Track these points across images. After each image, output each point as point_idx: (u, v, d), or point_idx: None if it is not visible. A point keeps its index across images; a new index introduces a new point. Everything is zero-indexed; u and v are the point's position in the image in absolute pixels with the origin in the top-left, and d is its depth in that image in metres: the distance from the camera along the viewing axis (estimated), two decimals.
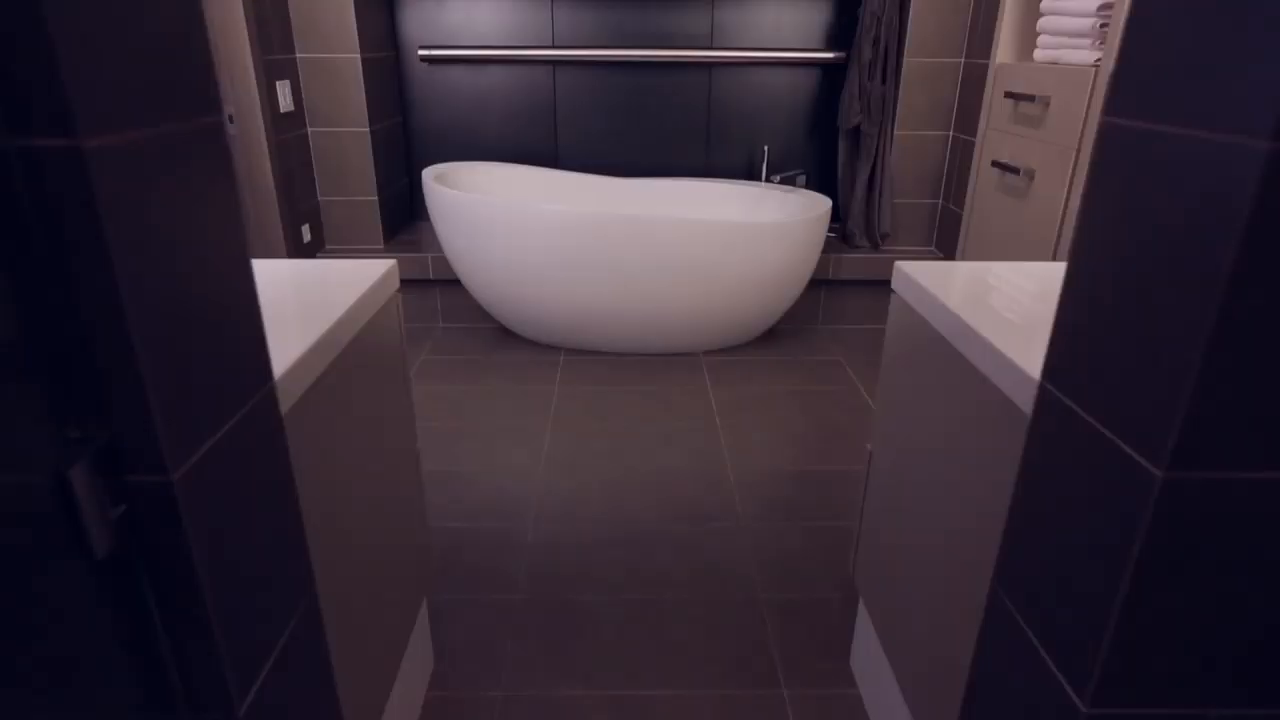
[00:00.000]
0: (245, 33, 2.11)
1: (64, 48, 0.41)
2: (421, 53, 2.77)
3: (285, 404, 0.73)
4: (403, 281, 2.62)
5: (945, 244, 2.68)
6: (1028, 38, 2.16)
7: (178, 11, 0.51)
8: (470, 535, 1.64)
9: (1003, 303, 0.91)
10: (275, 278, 0.99)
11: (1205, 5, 0.48)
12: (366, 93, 2.54)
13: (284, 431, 0.67)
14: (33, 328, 0.47)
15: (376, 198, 2.66)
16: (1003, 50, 2.20)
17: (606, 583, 1.50)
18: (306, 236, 2.56)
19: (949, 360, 0.90)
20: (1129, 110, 0.54)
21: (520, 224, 2.29)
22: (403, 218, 2.96)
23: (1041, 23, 1.98)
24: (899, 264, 1.05)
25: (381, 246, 2.72)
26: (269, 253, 2.35)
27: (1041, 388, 0.65)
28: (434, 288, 2.72)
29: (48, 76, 0.41)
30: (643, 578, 1.52)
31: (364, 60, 2.51)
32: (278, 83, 2.35)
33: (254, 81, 2.17)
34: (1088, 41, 1.78)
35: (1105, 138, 0.56)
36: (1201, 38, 0.48)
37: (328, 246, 2.71)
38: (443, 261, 2.63)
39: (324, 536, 0.82)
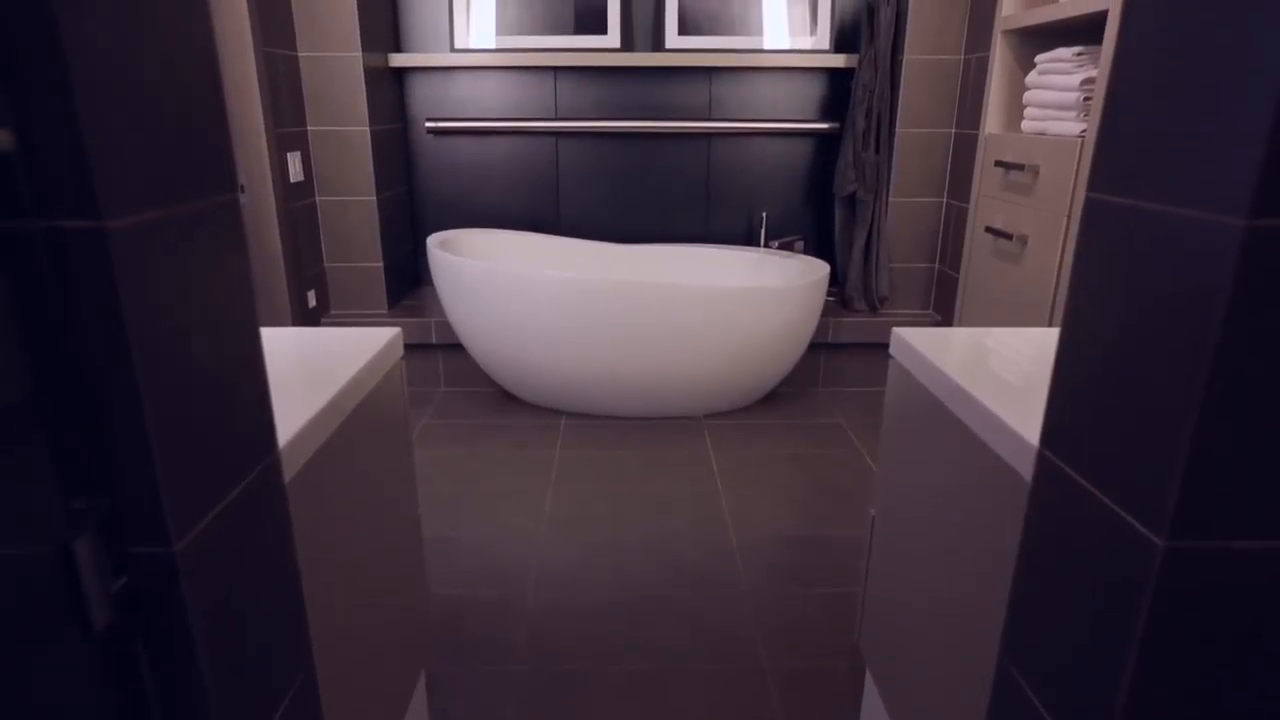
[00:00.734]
0: (259, 107, 2.18)
1: (93, 138, 0.43)
2: (428, 125, 2.86)
3: (288, 472, 0.73)
4: (406, 346, 2.64)
5: (943, 307, 2.71)
6: (1015, 109, 2.23)
7: (201, 98, 0.54)
8: (470, 603, 1.62)
9: (1000, 368, 0.92)
10: (281, 346, 1.01)
11: (1177, 88, 0.50)
12: (374, 163, 2.61)
13: (286, 501, 0.67)
14: (45, 396, 0.48)
15: (381, 264, 2.71)
16: (991, 121, 2.27)
17: (608, 651, 1.47)
18: (312, 302, 2.59)
19: (948, 426, 0.91)
20: (1110, 187, 0.56)
21: (522, 289, 2.32)
22: (407, 283, 3.00)
23: (1027, 96, 2.05)
24: (896, 330, 1.07)
25: (385, 311, 2.75)
26: (274, 318, 2.38)
27: (1040, 454, 0.65)
28: (436, 352, 2.75)
29: (77, 164, 0.43)
30: (644, 645, 1.49)
31: (373, 132, 2.59)
32: (289, 154, 2.42)
33: (266, 153, 2.23)
34: (1073, 114, 1.84)
35: (1090, 212, 0.58)
36: (1175, 119, 0.50)
37: (332, 311, 2.75)
38: (445, 326, 2.66)
39: (322, 607, 0.81)
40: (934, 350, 0.98)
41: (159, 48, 0.49)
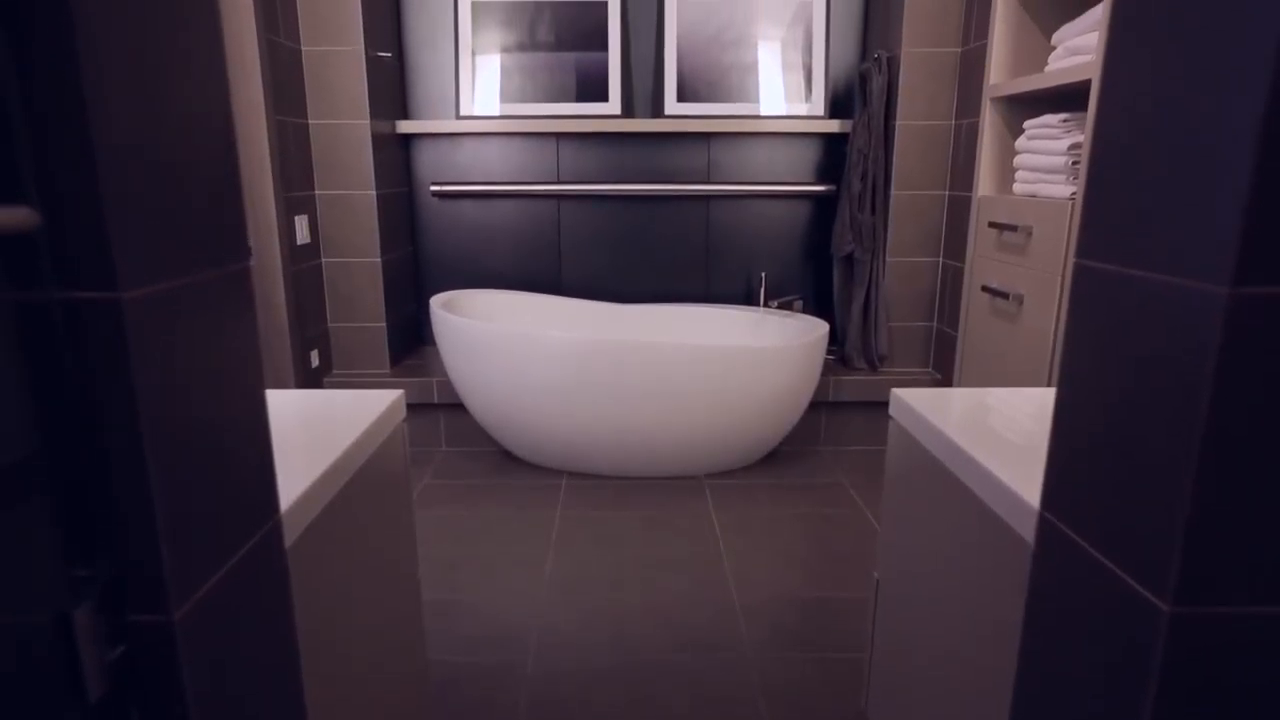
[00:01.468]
0: (270, 172, 2.24)
1: (114, 215, 0.44)
2: (433, 188, 2.93)
3: (289, 537, 0.73)
4: (407, 406, 2.65)
5: (942, 365, 2.72)
6: (1006, 172, 2.29)
7: (218, 172, 0.56)
8: (468, 669, 1.58)
9: (1000, 429, 0.93)
10: (283, 408, 1.02)
11: (1155, 159, 0.52)
12: (379, 225, 2.66)
13: (287, 566, 0.67)
14: (51, 460, 0.48)
15: (384, 324, 2.73)
16: (984, 183, 2.32)
17: (609, 717, 1.44)
18: (315, 361, 2.61)
19: (949, 487, 0.90)
20: (1097, 253, 0.57)
21: (524, 349, 2.34)
22: (409, 343, 3.03)
23: (1017, 160, 2.10)
24: (895, 391, 1.07)
25: (388, 371, 2.77)
26: (277, 377, 2.39)
27: (1041, 517, 0.65)
28: (438, 411, 2.75)
29: (98, 240, 0.44)
30: (646, 711, 1.45)
31: (379, 196, 2.65)
32: (297, 216, 2.47)
33: (275, 217, 2.28)
34: (1062, 177, 1.88)
35: (1079, 278, 0.60)
36: (1155, 188, 0.52)
37: (335, 371, 2.76)
38: (447, 386, 2.67)
39: (320, 676, 0.80)
40: (933, 411, 0.99)
41: (181, 126, 0.51)
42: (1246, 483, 0.49)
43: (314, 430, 0.93)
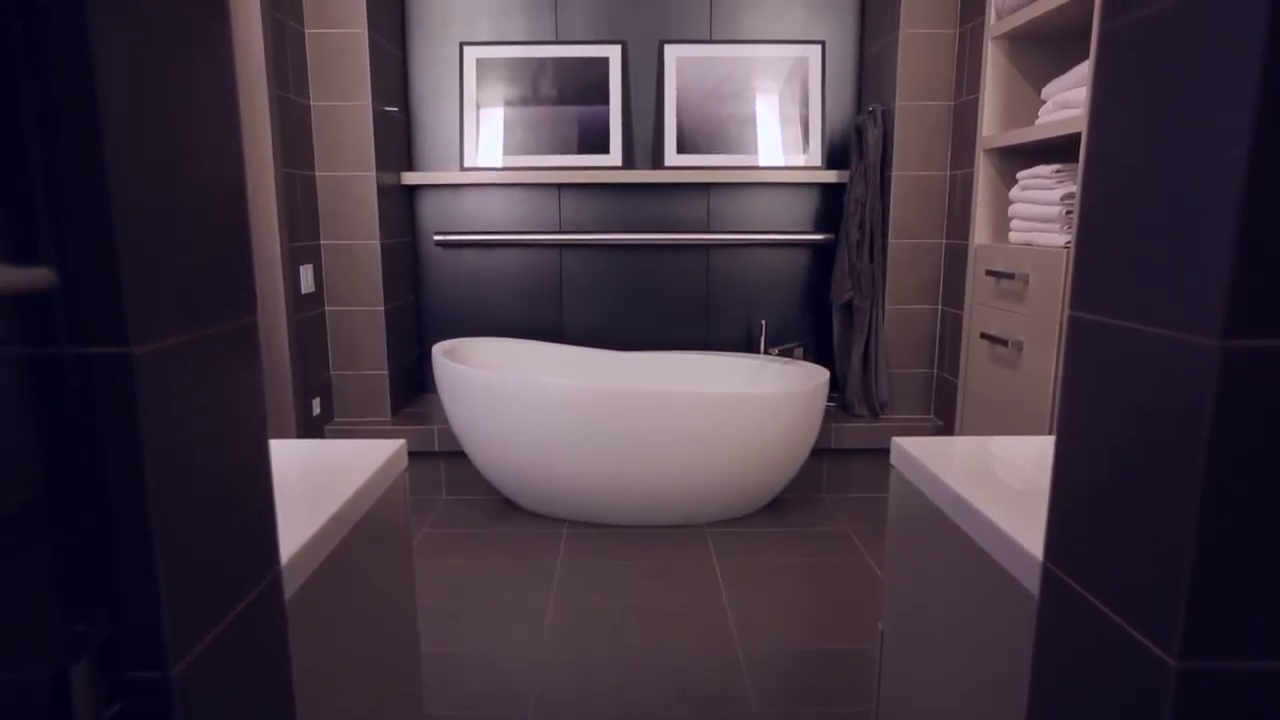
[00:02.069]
0: (276, 223, 2.27)
1: (129, 274, 0.46)
2: (437, 238, 2.97)
3: (289, 589, 0.72)
4: (408, 454, 2.64)
5: (943, 412, 2.72)
6: (1002, 221, 2.32)
7: (229, 228, 0.57)
8: None
9: (1002, 478, 0.93)
10: (285, 458, 1.02)
11: (1142, 213, 0.53)
12: (383, 275, 2.69)
13: (286, 620, 0.66)
14: (53, 511, 0.49)
15: (387, 371, 2.74)
16: (980, 232, 2.35)
17: None
18: (316, 409, 2.61)
19: (952, 537, 0.90)
20: (1090, 305, 0.58)
21: (525, 398, 2.34)
22: (411, 390, 3.03)
23: (1012, 209, 2.14)
24: (896, 439, 1.08)
25: (389, 419, 2.77)
26: (278, 425, 2.39)
27: (1045, 569, 0.65)
28: (439, 459, 2.74)
29: (112, 298, 0.45)
30: None
31: (383, 245, 2.68)
32: (302, 266, 2.50)
33: (280, 267, 2.31)
34: (1056, 226, 1.91)
35: (1074, 329, 0.61)
36: (1144, 242, 0.53)
37: (336, 419, 2.76)
38: (448, 434, 2.67)
39: None
40: (934, 460, 0.98)
41: (195, 185, 0.53)
42: (1250, 535, 0.49)
43: (315, 480, 0.93)
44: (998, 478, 0.93)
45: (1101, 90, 0.57)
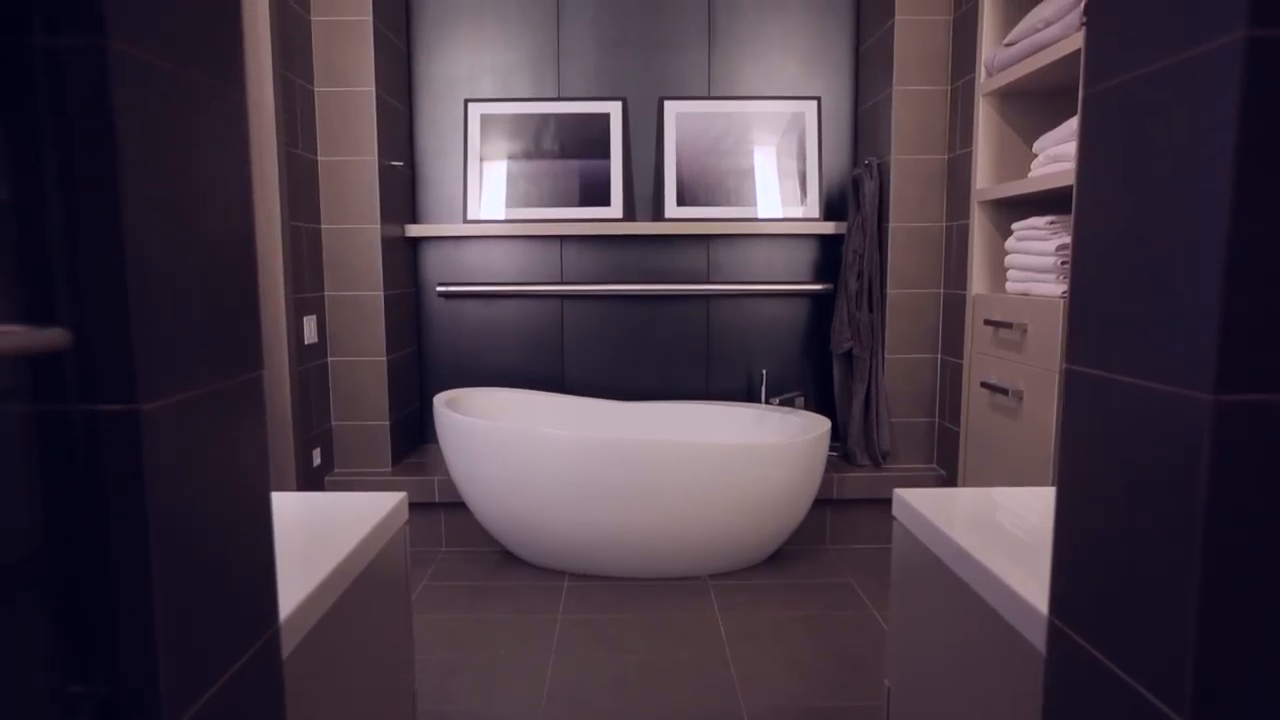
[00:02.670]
0: (281, 276, 2.30)
1: (140, 334, 0.46)
2: (440, 289, 3.00)
3: (286, 646, 0.72)
4: (409, 505, 2.62)
5: (946, 461, 2.71)
6: (998, 271, 2.35)
7: (238, 287, 0.58)
8: None
9: (1006, 530, 0.92)
10: (285, 511, 1.01)
11: (1132, 268, 0.54)
12: (386, 325, 2.71)
13: (283, 678, 0.65)
14: (54, 571, 0.49)
15: (388, 422, 2.74)
16: (977, 282, 2.38)
17: None
18: (317, 460, 2.60)
19: (956, 592, 0.89)
20: (1085, 359, 0.59)
21: (525, 448, 2.34)
22: (412, 440, 3.03)
23: (1008, 259, 2.16)
24: (898, 491, 1.07)
25: (389, 470, 2.75)
26: (279, 475, 2.38)
27: (1050, 624, 0.64)
28: (439, 511, 2.72)
29: (122, 357, 0.46)
30: None
31: (386, 296, 2.71)
32: (305, 317, 2.52)
33: (284, 318, 2.33)
34: (1052, 276, 1.93)
35: (1070, 382, 0.61)
36: (1134, 297, 0.54)
37: (336, 470, 2.75)
38: (449, 484, 2.65)
39: None
40: (937, 512, 0.98)
41: (207, 245, 0.54)
42: (1255, 590, 0.49)
43: (315, 534, 0.93)
44: (1002, 530, 0.92)
45: (1086, 153, 0.59)
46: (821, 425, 2.55)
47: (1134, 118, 0.53)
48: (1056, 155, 1.94)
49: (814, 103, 2.97)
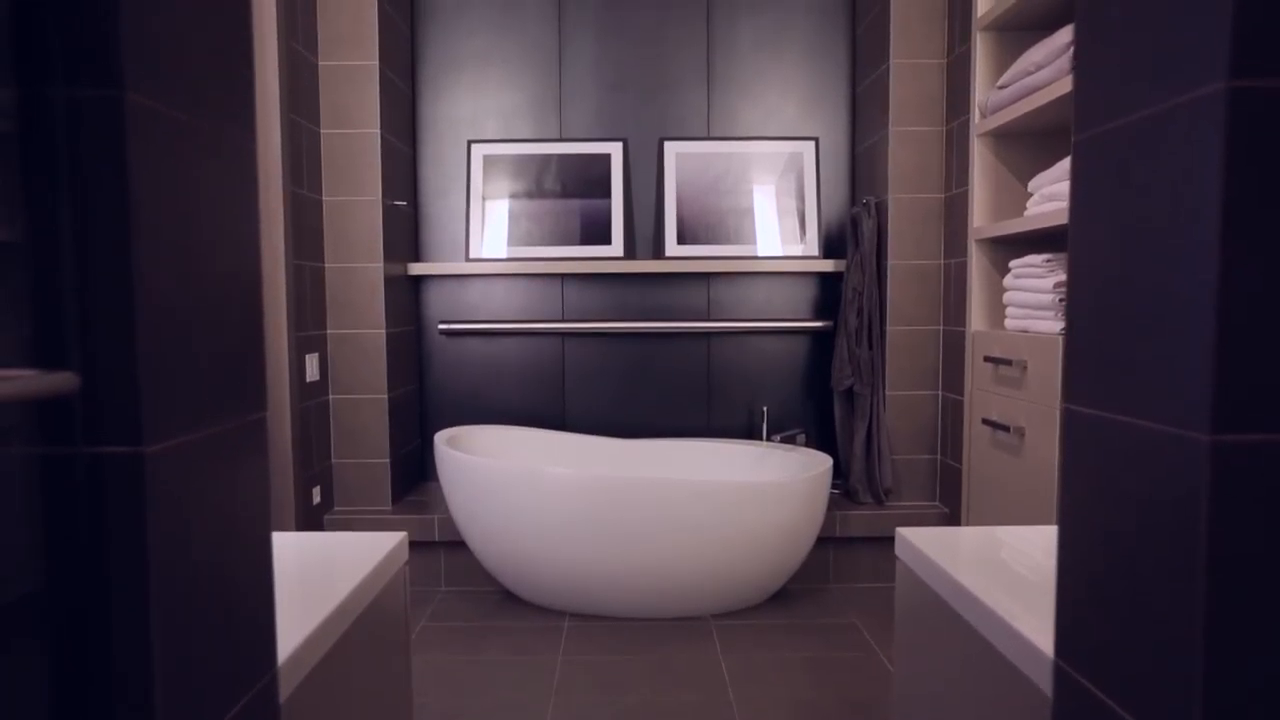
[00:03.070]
0: (285, 314, 2.32)
1: (147, 379, 0.47)
2: (441, 327, 3.01)
3: (284, 690, 0.71)
4: (408, 544, 2.60)
5: (949, 498, 2.69)
6: (997, 308, 2.36)
7: (244, 330, 0.59)
8: None
9: (1010, 570, 0.91)
10: (283, 551, 1.01)
11: (1127, 310, 0.55)
12: (388, 363, 2.72)
13: None
14: (54, 615, 0.48)
15: (388, 460, 2.74)
16: (976, 319, 2.39)
17: None
18: (316, 498, 2.59)
19: (961, 633, 0.88)
20: (1083, 399, 0.60)
21: (526, 486, 2.33)
22: (412, 479, 3.01)
23: (1006, 296, 2.18)
24: (900, 530, 1.07)
25: (389, 508, 2.74)
26: (278, 514, 2.37)
27: (1056, 666, 0.64)
28: (439, 550, 2.70)
29: (129, 402, 0.46)
30: None
31: (388, 334, 2.72)
32: (308, 355, 2.53)
33: (286, 357, 2.34)
34: (1050, 313, 1.94)
35: (1068, 422, 0.62)
36: (1129, 339, 0.54)
37: (336, 508, 2.73)
38: (448, 523, 2.64)
39: None
40: (940, 552, 0.98)
41: (214, 288, 0.55)
42: (1261, 634, 0.48)
43: (313, 575, 0.92)
44: (1006, 569, 0.91)
45: (1078, 197, 0.60)
46: (823, 463, 2.54)
47: (1123, 164, 0.54)
48: (1051, 194, 1.97)
49: (812, 143, 3.02)
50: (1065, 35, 1.91)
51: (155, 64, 0.46)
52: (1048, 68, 1.95)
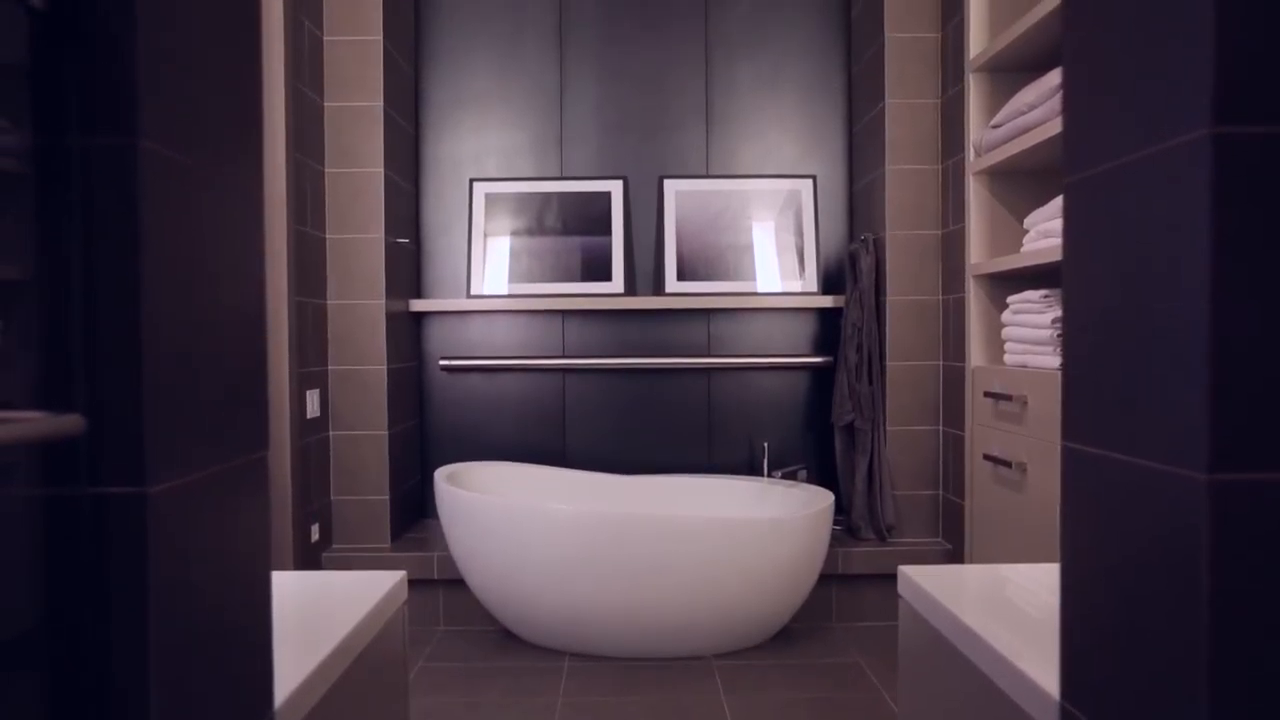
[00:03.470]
0: (287, 351, 2.33)
1: (151, 421, 0.47)
2: (442, 363, 3.02)
3: None
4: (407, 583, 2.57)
5: (951, 535, 2.67)
6: (996, 343, 2.37)
7: (246, 368, 0.60)
8: None
9: (1014, 609, 0.91)
10: (281, 589, 1.00)
11: (1122, 350, 0.55)
12: (389, 399, 2.72)
13: None
14: (53, 655, 0.48)
15: (388, 497, 2.72)
16: (975, 354, 2.40)
17: None
18: (315, 535, 2.57)
19: (965, 673, 0.87)
20: (1081, 437, 0.60)
21: (526, 523, 2.32)
22: (412, 515, 3.00)
23: (1005, 332, 2.19)
24: (903, 569, 1.06)
25: (388, 546, 2.72)
26: (277, 552, 2.35)
27: (1062, 708, 0.63)
28: (438, 588, 2.67)
29: (133, 443, 0.47)
30: None
31: (389, 370, 2.73)
32: (309, 391, 2.53)
33: (287, 394, 2.34)
34: (1049, 349, 1.95)
35: (1068, 460, 0.62)
36: (1128, 379, 0.55)
37: (335, 545, 2.71)
38: (448, 561, 2.62)
39: None
40: (943, 591, 0.97)
41: (219, 329, 0.56)
42: (1267, 675, 0.48)
43: (311, 615, 0.91)
44: (1011, 608, 0.91)
45: (1071, 238, 0.61)
46: (825, 499, 2.53)
47: (1113, 207, 0.55)
48: (1047, 231, 1.99)
49: (809, 181, 3.06)
50: (1056, 77, 1.95)
51: (169, 113, 0.48)
52: (1040, 108, 1.98)
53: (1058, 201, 1.96)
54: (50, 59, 0.43)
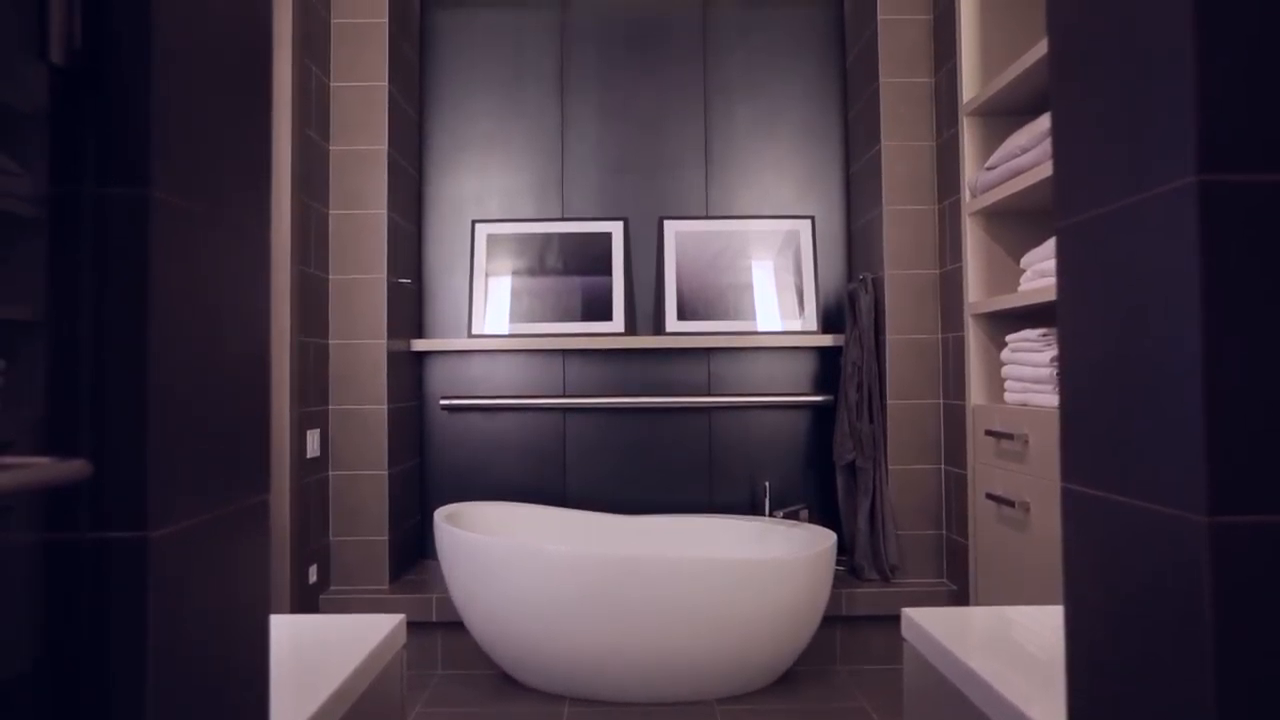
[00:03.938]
0: (288, 391, 2.33)
1: (155, 467, 0.48)
2: (443, 403, 3.02)
3: None
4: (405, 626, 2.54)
5: (956, 575, 2.64)
6: (996, 381, 2.37)
7: (250, 416, 0.60)
8: None
9: (1021, 653, 0.90)
10: (277, 633, 0.99)
11: (1119, 391, 0.56)
12: (389, 439, 2.71)
13: None
14: (49, 700, 0.48)
15: (387, 537, 2.70)
16: (975, 393, 2.40)
17: None
18: (313, 577, 2.54)
19: (972, 719, 0.86)
20: (1080, 478, 0.60)
21: (526, 564, 2.30)
22: (411, 556, 2.97)
23: (1004, 370, 2.19)
24: (906, 611, 1.05)
25: (386, 587, 2.69)
26: (275, 594, 2.32)
27: None
28: (436, 631, 2.64)
29: (135, 489, 0.47)
30: None
31: (390, 410, 2.73)
32: (309, 431, 2.53)
33: (288, 435, 2.34)
34: (1049, 387, 1.95)
35: (1067, 501, 0.62)
36: (1125, 420, 0.55)
37: (332, 587, 2.68)
38: (446, 603, 2.59)
39: None
40: (948, 634, 0.96)
41: (223, 377, 0.56)
42: (1273, 713, 0.48)
43: (308, 660, 0.90)
44: (1016, 651, 0.90)
45: (1065, 281, 0.62)
46: (827, 539, 2.51)
47: (1105, 252, 0.56)
48: (1043, 270, 2.01)
49: (808, 221, 3.10)
50: (1047, 121, 1.98)
51: (182, 164, 0.49)
52: (1033, 150, 2.02)
53: (1053, 242, 1.98)
54: (69, 112, 0.44)
